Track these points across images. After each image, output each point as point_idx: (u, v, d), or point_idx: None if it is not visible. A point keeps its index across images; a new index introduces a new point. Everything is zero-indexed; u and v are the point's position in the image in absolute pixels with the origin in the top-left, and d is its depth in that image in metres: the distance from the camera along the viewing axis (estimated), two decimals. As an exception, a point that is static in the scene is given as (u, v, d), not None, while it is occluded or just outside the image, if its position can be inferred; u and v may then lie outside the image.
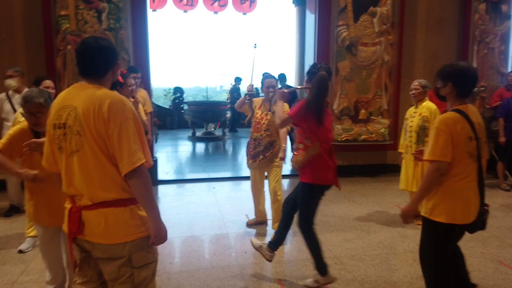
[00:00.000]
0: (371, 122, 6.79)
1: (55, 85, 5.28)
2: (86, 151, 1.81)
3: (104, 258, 1.90)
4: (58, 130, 1.88)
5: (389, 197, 5.72)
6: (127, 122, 1.80)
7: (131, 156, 1.78)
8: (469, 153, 2.41)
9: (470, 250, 3.92)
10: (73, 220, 1.89)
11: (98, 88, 1.86)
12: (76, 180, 1.87)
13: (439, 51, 7.09)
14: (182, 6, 10.36)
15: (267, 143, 4.22)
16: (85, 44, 1.92)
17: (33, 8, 5.70)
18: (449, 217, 2.42)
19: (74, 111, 1.82)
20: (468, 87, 2.49)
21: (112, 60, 1.96)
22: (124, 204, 1.88)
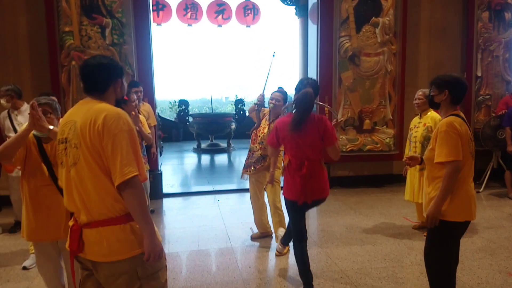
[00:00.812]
0: (376, 132, 6.76)
1: (59, 101, 5.37)
2: (82, 164, 1.81)
3: (108, 275, 1.87)
4: (61, 145, 1.91)
5: (396, 208, 5.65)
6: (121, 134, 1.79)
7: (123, 167, 1.76)
8: (470, 153, 2.59)
9: (478, 262, 3.85)
10: (74, 238, 1.88)
11: (98, 103, 1.89)
12: (75, 194, 1.87)
13: (443, 60, 7.07)
14: (186, 19, 10.48)
15: (259, 156, 4.25)
16: (86, 62, 1.99)
17: (37, 25, 5.77)
18: (465, 215, 2.59)
19: (74, 125, 1.85)
20: (462, 95, 2.67)
21: (111, 77, 1.98)
22: (123, 221, 1.85)
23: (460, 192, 2.57)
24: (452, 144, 2.50)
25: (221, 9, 10.60)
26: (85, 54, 5.72)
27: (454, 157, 2.49)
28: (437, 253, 2.69)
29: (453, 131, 2.50)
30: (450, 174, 2.51)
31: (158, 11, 10.03)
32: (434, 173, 2.63)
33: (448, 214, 2.56)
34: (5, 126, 4.76)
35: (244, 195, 6.65)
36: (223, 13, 10.63)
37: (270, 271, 3.80)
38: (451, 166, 2.50)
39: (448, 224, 2.58)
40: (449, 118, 2.58)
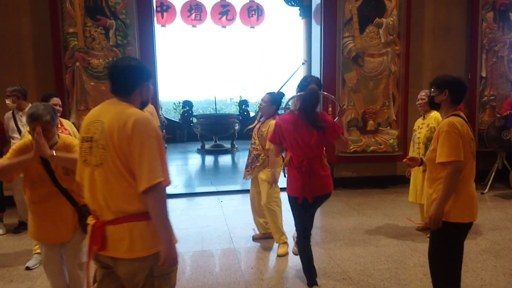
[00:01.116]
0: (379, 133, 6.73)
1: (63, 102, 5.39)
2: (109, 164, 1.84)
3: (128, 272, 1.91)
4: (86, 144, 1.94)
5: (400, 210, 5.63)
6: (149, 140, 1.83)
7: (149, 173, 1.80)
8: (472, 153, 2.59)
9: (482, 264, 3.82)
10: (97, 235, 1.91)
11: (127, 106, 1.92)
12: (99, 193, 1.90)
13: (447, 61, 7.04)
14: (191, 21, 10.49)
15: (253, 156, 4.30)
16: (115, 63, 2.03)
17: (41, 26, 5.80)
18: (468, 216, 2.59)
19: (101, 125, 1.88)
20: (462, 95, 2.69)
21: (138, 80, 2.00)
22: (146, 218, 1.89)
23: (462, 193, 2.56)
24: (453, 144, 2.49)
25: (225, 10, 10.61)
26: (89, 56, 5.75)
27: (455, 157, 2.48)
28: (442, 255, 2.68)
29: (454, 131, 2.50)
30: (452, 175, 2.50)
31: (162, 12, 10.06)
32: (435, 174, 2.62)
33: (450, 215, 2.55)
34: (9, 126, 4.79)
35: (247, 196, 6.62)
36: (227, 14, 10.64)
37: (272, 272, 3.80)
38: (452, 167, 2.49)
39: (451, 225, 2.57)
40: (450, 118, 2.57)
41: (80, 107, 5.80)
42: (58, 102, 3.92)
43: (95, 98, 5.80)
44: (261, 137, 4.21)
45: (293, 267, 3.88)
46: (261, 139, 4.21)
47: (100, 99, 5.76)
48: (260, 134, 4.23)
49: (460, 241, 2.68)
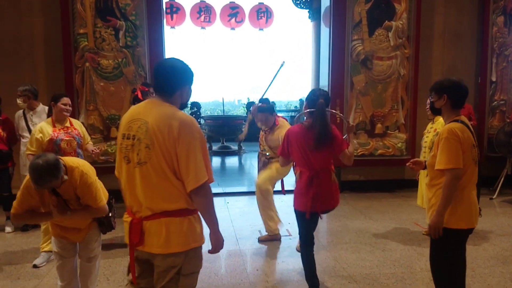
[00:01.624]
0: (387, 136, 6.70)
1: (73, 102, 5.44)
2: (154, 163, 1.90)
3: (162, 268, 1.99)
4: (126, 141, 1.98)
5: (407, 214, 5.59)
6: (195, 142, 1.91)
7: (197, 174, 1.89)
8: (473, 159, 2.56)
9: (489, 269, 3.78)
10: (135, 231, 1.97)
11: (170, 107, 1.98)
12: (138, 190, 1.95)
13: (457, 65, 6.99)
14: (200, 22, 10.52)
15: (265, 159, 4.53)
16: (161, 62, 2.09)
17: (53, 26, 5.87)
18: (467, 223, 2.57)
19: (145, 125, 1.92)
20: (461, 98, 2.65)
21: (180, 82, 2.05)
22: (184, 215, 1.97)
23: (462, 199, 2.53)
24: (452, 152, 2.46)
25: (234, 12, 10.62)
26: (99, 56, 5.80)
27: (453, 165, 2.45)
28: (443, 261, 2.67)
29: (454, 138, 2.47)
30: (450, 182, 2.47)
31: (172, 14, 10.10)
32: (434, 180, 2.62)
33: (450, 221, 2.54)
34: (20, 125, 4.85)
35: (253, 198, 6.62)
36: (236, 16, 10.65)
37: (278, 274, 3.79)
38: (450, 174, 2.47)
39: (450, 232, 2.55)
40: (450, 125, 2.55)
41: (89, 107, 5.84)
42: (68, 102, 3.95)
43: (104, 98, 5.84)
44: (273, 143, 4.38)
45: (299, 269, 3.87)
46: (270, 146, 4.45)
47: (108, 99, 5.85)
48: (272, 140, 4.40)
49: (461, 247, 2.66)
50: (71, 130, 4.00)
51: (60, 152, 3.83)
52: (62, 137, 3.87)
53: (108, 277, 3.66)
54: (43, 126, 3.86)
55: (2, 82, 5.71)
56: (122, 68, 5.85)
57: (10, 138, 4.92)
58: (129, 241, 2.01)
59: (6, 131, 4.86)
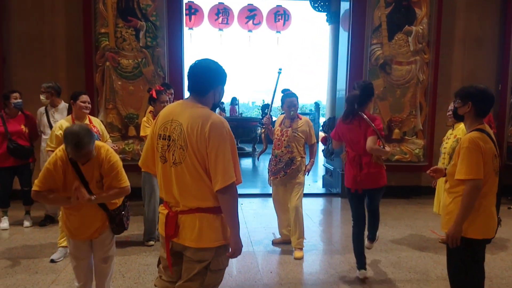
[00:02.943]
0: (405, 142, 6.63)
1: (93, 100, 5.53)
2: (188, 164, 1.99)
3: (191, 260, 2.08)
4: (162, 141, 2.07)
5: (423, 221, 5.52)
6: (224, 143, 1.97)
7: (224, 174, 1.95)
8: (494, 170, 2.51)
9: (507, 280, 3.72)
10: (171, 224, 2.07)
11: (202, 108, 2.05)
12: (174, 188, 2.05)
13: (477, 71, 6.89)
14: (218, 24, 10.58)
15: (288, 159, 4.24)
16: (196, 62, 2.13)
17: (75, 25, 5.97)
18: (484, 233, 2.54)
19: (179, 126, 2.01)
20: (487, 107, 2.59)
21: (214, 82, 2.11)
22: (217, 212, 2.06)
23: (481, 209, 2.48)
24: (472, 162, 2.41)
25: (252, 15, 10.65)
26: (119, 56, 5.88)
27: (474, 175, 2.40)
28: (461, 271, 2.63)
29: (475, 148, 2.41)
30: (470, 193, 2.43)
31: (190, 15, 10.18)
32: (454, 187, 2.57)
33: (468, 231, 2.50)
34: (42, 122, 4.94)
35: (267, 200, 6.63)
36: (253, 18, 10.68)
37: (291, 277, 3.78)
38: (470, 185, 2.42)
39: (468, 241, 2.52)
40: (472, 134, 2.49)
41: (109, 105, 5.92)
42: (87, 99, 4.01)
43: (123, 98, 5.91)
44: (295, 138, 4.25)
45: (313, 273, 3.86)
46: (296, 139, 4.26)
47: (128, 98, 5.92)
48: (294, 135, 4.24)
49: (479, 256, 2.62)
50: (90, 127, 4.05)
51: None
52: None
53: (124, 274, 3.70)
54: (63, 123, 3.92)
55: (25, 79, 5.84)
56: (141, 68, 5.92)
57: (32, 134, 5.02)
58: (165, 233, 2.10)
59: (28, 127, 4.96)
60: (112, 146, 4.17)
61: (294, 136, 4.23)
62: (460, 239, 2.51)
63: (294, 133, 4.23)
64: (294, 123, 4.28)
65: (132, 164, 5.77)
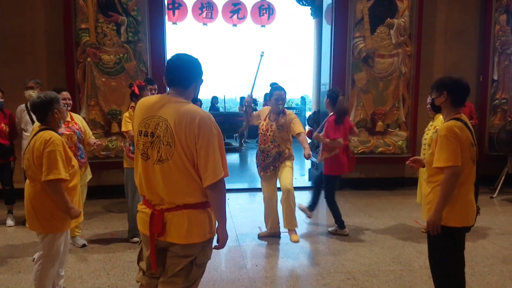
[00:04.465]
0: (388, 134, 6.70)
1: (74, 97, 5.46)
2: (176, 160, 1.96)
3: (178, 256, 2.06)
4: (144, 138, 2.03)
5: (407, 211, 5.60)
6: (213, 138, 1.97)
7: (214, 170, 1.96)
8: (471, 158, 2.55)
9: (488, 268, 3.79)
10: (158, 222, 2.04)
11: (187, 103, 2.03)
12: (159, 186, 2.02)
13: (459, 63, 6.98)
14: (202, 19, 10.51)
15: (275, 154, 4.26)
16: (177, 55, 2.12)
17: (55, 22, 5.87)
18: (463, 221, 2.58)
19: (164, 122, 1.97)
20: (462, 96, 2.64)
21: (197, 75, 2.12)
22: (203, 207, 2.07)
23: (460, 197, 2.54)
24: (451, 150, 2.46)
25: (236, 9, 10.60)
26: (100, 51, 5.80)
27: (452, 162, 2.46)
28: (442, 259, 2.68)
29: (452, 136, 2.47)
30: (448, 180, 2.48)
31: (174, 10, 10.08)
32: (433, 177, 2.62)
33: (448, 219, 2.55)
34: (23, 119, 4.84)
35: (254, 194, 6.67)
36: (238, 13, 10.63)
37: (277, 270, 3.80)
38: (449, 172, 2.47)
39: (448, 230, 2.57)
40: (449, 123, 2.54)
41: (91, 102, 5.85)
42: (67, 96, 3.96)
43: (106, 94, 5.85)
44: (280, 133, 4.26)
45: (298, 266, 3.89)
46: (281, 134, 4.27)
47: (110, 94, 5.85)
48: (278, 131, 4.25)
49: (459, 244, 2.67)
50: (72, 124, 4.01)
51: None
52: (62, 131, 3.88)
53: (108, 271, 3.68)
54: None
55: (5, 77, 5.72)
56: (123, 63, 5.86)
57: (12, 133, 4.94)
58: (150, 232, 2.07)
59: (9, 126, 4.88)
60: (95, 141, 4.13)
61: (279, 132, 4.24)
62: (440, 227, 2.55)
63: (278, 129, 4.24)
64: (281, 118, 4.27)
65: (115, 161, 5.76)
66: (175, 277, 2.07)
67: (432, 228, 2.57)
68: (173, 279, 2.08)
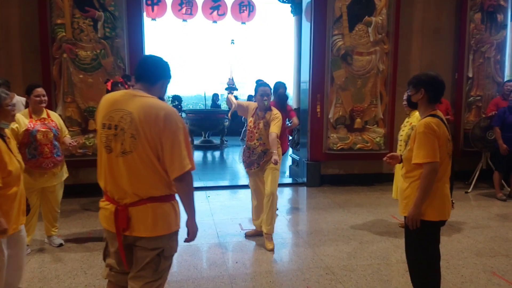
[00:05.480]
0: (366, 131, 6.78)
1: (50, 93, 5.34)
2: (140, 152, 1.99)
3: (147, 248, 2.09)
4: (107, 130, 2.04)
5: (384, 207, 5.69)
6: (178, 132, 2.01)
7: (180, 162, 2.00)
8: (448, 153, 2.62)
9: (463, 261, 3.89)
10: (123, 217, 2.05)
11: (152, 98, 2.07)
12: (123, 179, 2.03)
13: (435, 61, 7.11)
14: (181, 15, 10.42)
15: (260, 151, 4.22)
16: (148, 55, 2.28)
17: (29, 16, 5.73)
18: (440, 215, 2.65)
19: (129, 115, 2.00)
20: (438, 93, 2.68)
21: (164, 74, 2.19)
22: (168, 200, 2.11)
23: (437, 192, 2.60)
24: (429, 146, 2.51)
25: (217, 5, 10.55)
26: (77, 47, 5.69)
27: (431, 158, 2.51)
28: (418, 253, 2.74)
29: (430, 132, 2.52)
30: (428, 176, 2.53)
31: (152, 6, 9.96)
32: (410, 172, 2.68)
33: (426, 214, 2.61)
34: None
35: (235, 192, 6.67)
36: (218, 9, 10.58)
37: (257, 266, 3.81)
38: (428, 168, 2.53)
39: (426, 224, 2.62)
40: (426, 119, 2.59)
41: (67, 99, 5.73)
42: (41, 92, 3.87)
43: (82, 90, 5.75)
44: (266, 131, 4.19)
45: (278, 262, 3.91)
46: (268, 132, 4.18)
47: (86, 91, 5.75)
48: (265, 129, 4.19)
49: (436, 238, 2.73)
50: (48, 121, 3.93)
51: (36, 143, 3.77)
52: (38, 128, 3.81)
53: (86, 271, 3.62)
54: (19, 117, 3.79)
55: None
56: (100, 59, 5.76)
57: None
58: (116, 228, 2.07)
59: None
60: (70, 142, 4.06)
61: (265, 130, 4.20)
62: (419, 221, 2.61)
63: (265, 128, 4.21)
64: (267, 115, 4.24)
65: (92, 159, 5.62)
66: (143, 271, 2.10)
67: (412, 222, 2.63)
68: (142, 273, 2.10)
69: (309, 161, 6.85)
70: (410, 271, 2.86)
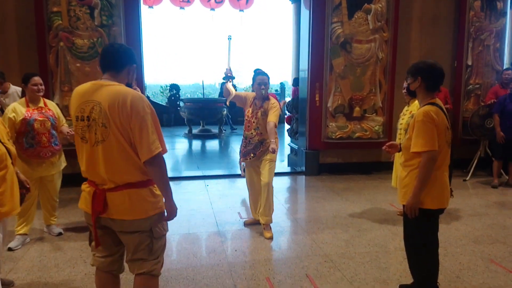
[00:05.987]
0: (365, 119, 6.77)
1: (47, 82, 5.30)
2: (112, 140, 2.05)
3: (128, 231, 2.18)
4: (81, 122, 2.11)
5: (383, 195, 5.70)
6: (146, 116, 2.06)
7: (150, 145, 2.05)
8: (447, 142, 2.61)
9: (461, 248, 3.91)
10: (99, 201, 2.13)
11: (118, 85, 2.11)
12: (100, 167, 2.10)
13: (434, 49, 7.08)
14: (179, 2, 10.33)
15: (257, 141, 4.20)
16: (111, 43, 2.32)
17: (25, 4, 5.66)
18: (439, 203, 2.65)
19: (98, 105, 2.05)
20: (436, 81, 2.66)
21: (129, 60, 2.22)
22: (144, 185, 2.16)
23: (436, 180, 2.60)
24: (428, 134, 2.51)
25: (214, -7, 10.45)
26: (73, 35, 5.64)
27: (429, 147, 2.51)
28: (417, 241, 2.76)
29: (429, 121, 2.51)
30: (426, 164, 2.53)
31: (149, -6, 9.88)
32: (409, 161, 2.67)
33: (425, 202, 2.61)
34: None
35: (233, 181, 6.67)
36: (216, -4, 10.49)
37: (256, 254, 3.83)
38: (426, 156, 2.53)
39: (424, 212, 2.63)
40: (425, 108, 2.58)
41: (64, 87, 5.70)
42: (38, 81, 3.84)
43: (79, 79, 5.69)
44: (264, 121, 4.15)
45: (277, 250, 3.93)
46: (265, 122, 4.14)
47: (84, 79, 5.65)
48: (263, 118, 4.15)
49: (434, 226, 2.75)
50: (45, 110, 3.91)
51: (34, 133, 3.76)
52: (35, 117, 3.79)
53: (85, 260, 3.64)
54: (16, 106, 3.78)
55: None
56: (97, 48, 5.71)
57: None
58: (92, 210, 2.16)
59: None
60: (68, 130, 4.04)
61: (263, 119, 4.17)
62: (418, 210, 2.61)
63: (263, 117, 4.18)
64: (265, 104, 4.20)
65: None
66: (139, 253, 2.21)
67: (411, 211, 2.63)
68: (137, 255, 2.22)
69: (308, 150, 6.85)
70: (408, 258, 2.88)
